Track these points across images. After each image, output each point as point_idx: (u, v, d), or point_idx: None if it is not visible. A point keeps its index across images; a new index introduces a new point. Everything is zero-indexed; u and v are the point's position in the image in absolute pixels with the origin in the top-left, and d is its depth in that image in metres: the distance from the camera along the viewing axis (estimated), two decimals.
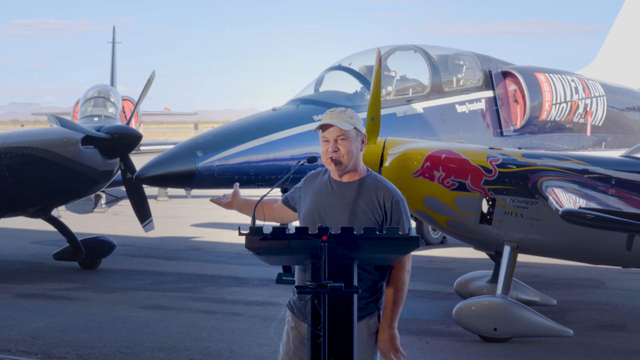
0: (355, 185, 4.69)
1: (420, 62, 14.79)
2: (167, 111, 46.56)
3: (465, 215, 9.55)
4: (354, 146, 4.67)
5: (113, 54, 30.84)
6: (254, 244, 4.23)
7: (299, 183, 4.89)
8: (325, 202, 4.66)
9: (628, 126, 18.37)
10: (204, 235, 17.73)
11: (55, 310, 10.50)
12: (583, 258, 10.13)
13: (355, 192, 4.66)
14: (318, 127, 4.69)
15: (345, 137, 4.65)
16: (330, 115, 4.70)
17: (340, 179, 4.71)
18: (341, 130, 4.64)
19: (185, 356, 8.36)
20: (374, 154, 9.80)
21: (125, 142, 12.52)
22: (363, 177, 4.72)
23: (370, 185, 4.69)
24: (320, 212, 4.64)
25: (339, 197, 4.66)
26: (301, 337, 4.59)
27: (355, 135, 4.69)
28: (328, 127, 4.67)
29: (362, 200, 4.64)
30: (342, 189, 4.68)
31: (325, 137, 4.68)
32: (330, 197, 4.67)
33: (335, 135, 4.65)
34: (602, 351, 8.77)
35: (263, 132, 12.13)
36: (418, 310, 10.61)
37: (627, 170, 9.71)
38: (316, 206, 4.67)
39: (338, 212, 4.62)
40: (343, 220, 4.57)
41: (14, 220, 14.40)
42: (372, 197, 4.65)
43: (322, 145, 4.70)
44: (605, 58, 21.19)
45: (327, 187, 4.70)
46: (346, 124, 4.65)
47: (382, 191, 4.67)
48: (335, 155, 4.64)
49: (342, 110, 4.73)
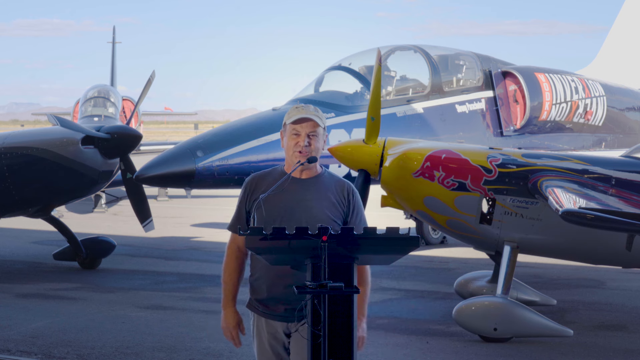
0: (317, 180, 4.73)
1: (420, 62, 14.78)
2: (167, 111, 46.59)
3: (465, 215, 9.55)
4: (320, 144, 4.71)
5: (113, 54, 30.85)
6: (254, 244, 4.24)
7: (239, 203, 4.79)
8: (293, 199, 4.65)
9: (628, 126, 18.36)
10: (204, 235, 17.73)
11: (55, 310, 10.50)
12: (583, 258, 10.14)
13: (320, 187, 4.70)
14: (296, 120, 4.66)
15: (316, 134, 4.68)
16: (305, 111, 4.69)
17: (300, 175, 4.71)
18: (315, 126, 4.66)
19: (185, 356, 8.36)
20: (374, 154, 9.80)
21: (125, 142, 12.52)
22: (320, 173, 4.77)
23: (328, 179, 4.75)
24: (289, 209, 4.63)
25: (306, 192, 4.67)
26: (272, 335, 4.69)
27: (322, 134, 4.73)
28: (304, 120, 4.66)
29: (330, 193, 4.69)
30: (306, 184, 4.70)
31: (297, 130, 4.66)
32: (298, 194, 4.67)
33: (308, 130, 4.66)
34: (602, 351, 8.77)
35: (263, 132, 12.13)
36: (418, 310, 10.61)
37: (627, 170, 9.70)
38: (284, 204, 4.64)
39: (308, 207, 4.63)
40: (315, 214, 4.59)
41: (14, 220, 14.39)
42: (335, 190, 4.71)
43: (291, 138, 4.67)
44: (605, 58, 21.18)
45: (291, 185, 4.67)
46: (320, 121, 4.70)
47: (341, 184, 4.75)
48: (307, 150, 4.65)
49: (313, 107, 4.76)
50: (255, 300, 4.79)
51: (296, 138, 4.66)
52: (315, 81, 14.16)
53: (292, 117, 4.68)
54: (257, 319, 4.81)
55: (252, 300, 4.82)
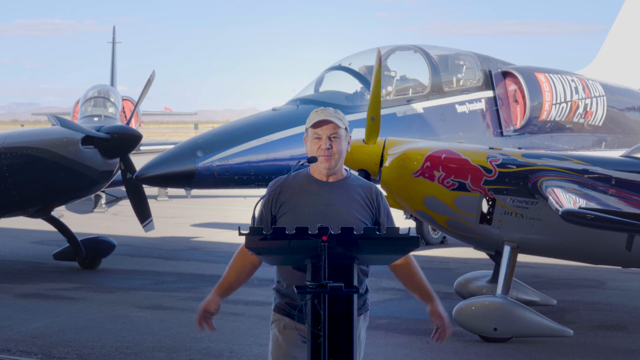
0: (344, 184, 4.68)
1: (420, 62, 14.79)
2: (167, 111, 46.60)
3: (465, 215, 9.55)
4: (343, 146, 4.66)
5: (113, 54, 30.86)
6: (254, 244, 4.23)
7: (260, 205, 4.67)
8: (322, 203, 4.59)
9: (628, 126, 18.37)
10: (204, 235, 17.73)
11: (55, 310, 10.50)
12: (583, 258, 10.14)
13: (347, 190, 4.65)
14: (315, 123, 4.61)
15: (338, 136, 4.63)
16: (324, 113, 4.64)
17: (327, 179, 4.67)
18: (336, 128, 4.61)
19: (185, 356, 8.36)
20: (374, 154, 9.81)
21: (125, 142, 12.51)
22: (346, 176, 4.72)
23: (354, 182, 4.71)
24: (318, 214, 4.55)
25: (334, 196, 4.62)
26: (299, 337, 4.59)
27: (345, 135, 4.68)
28: (324, 123, 4.61)
29: (358, 196, 4.64)
30: (334, 188, 4.65)
31: (317, 134, 4.61)
32: (326, 198, 4.61)
33: (329, 132, 4.60)
34: (602, 351, 8.76)
35: (263, 132, 12.14)
36: (418, 310, 10.60)
37: (627, 170, 9.70)
38: (313, 209, 4.57)
39: (338, 211, 4.57)
40: (345, 217, 4.53)
41: (14, 220, 14.39)
42: (362, 192, 4.66)
43: (313, 142, 4.62)
44: (606, 58, 21.19)
45: (318, 189, 4.63)
46: (341, 123, 4.65)
47: (368, 186, 4.71)
48: (329, 152, 4.60)
49: (333, 109, 4.70)
50: (287, 305, 4.66)
51: (318, 142, 4.60)
52: (315, 81, 14.16)
53: (312, 120, 4.63)
54: (285, 323, 4.68)
55: (282, 304, 4.70)
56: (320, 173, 4.66)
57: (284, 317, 4.69)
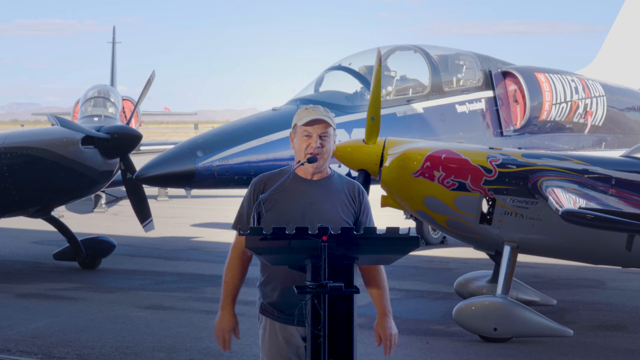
0: (328, 182, 4.68)
1: (420, 62, 14.79)
2: (167, 111, 46.59)
3: (465, 215, 9.55)
4: (332, 145, 4.68)
5: (113, 54, 30.86)
6: (254, 244, 4.23)
7: (244, 202, 4.71)
8: (305, 201, 4.60)
9: (628, 126, 18.37)
10: (204, 235, 17.73)
11: (55, 310, 10.50)
12: (583, 258, 10.14)
13: (331, 188, 4.66)
14: (308, 122, 4.61)
15: (328, 135, 4.64)
16: (315, 112, 4.63)
17: (312, 177, 4.67)
18: (326, 127, 4.62)
19: (185, 356, 8.36)
20: (374, 154, 9.81)
21: (125, 142, 12.51)
22: (330, 174, 4.73)
23: (338, 181, 4.71)
24: (301, 211, 4.57)
25: (318, 194, 4.62)
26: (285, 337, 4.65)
27: (333, 134, 4.69)
28: (316, 122, 4.61)
29: (342, 194, 4.65)
30: (318, 186, 4.65)
31: (308, 132, 4.60)
32: (310, 196, 4.61)
33: (320, 131, 4.61)
34: (602, 351, 8.77)
35: (263, 132, 12.13)
36: (418, 310, 10.61)
37: (627, 170, 9.70)
38: (296, 207, 4.58)
39: (321, 209, 4.58)
40: (328, 216, 4.54)
41: (14, 220, 14.40)
42: (346, 190, 4.67)
43: (302, 140, 4.61)
44: (606, 58, 21.19)
45: (302, 187, 4.63)
46: (331, 122, 4.66)
47: (351, 185, 4.71)
48: (319, 151, 4.60)
49: (323, 108, 4.70)
50: (269, 305, 4.72)
51: (308, 140, 4.60)
52: (315, 81, 14.16)
53: (302, 118, 4.62)
54: (270, 324, 4.73)
55: (264, 304, 4.75)
56: (305, 171, 4.66)
57: (266, 318, 4.77)
